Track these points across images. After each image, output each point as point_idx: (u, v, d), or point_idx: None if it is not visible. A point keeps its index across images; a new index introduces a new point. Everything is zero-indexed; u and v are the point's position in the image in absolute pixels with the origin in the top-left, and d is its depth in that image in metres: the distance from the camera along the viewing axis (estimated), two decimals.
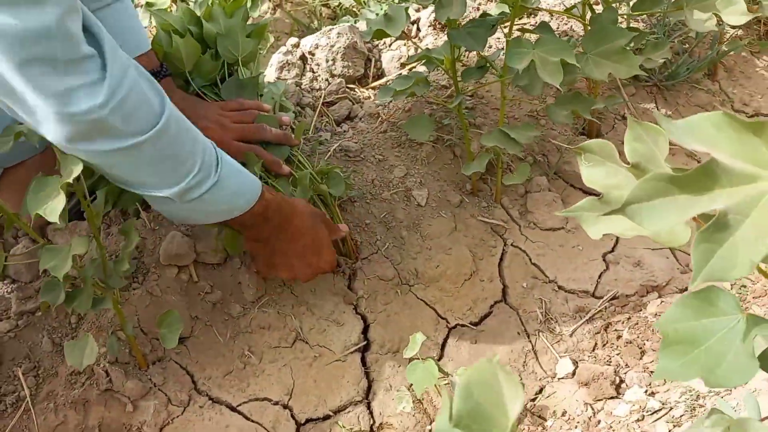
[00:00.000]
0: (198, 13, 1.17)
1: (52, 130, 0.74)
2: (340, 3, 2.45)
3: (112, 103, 0.73)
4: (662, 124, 0.43)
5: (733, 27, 1.56)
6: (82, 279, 0.90)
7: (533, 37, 1.01)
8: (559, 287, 1.20)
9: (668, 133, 0.43)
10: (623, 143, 0.52)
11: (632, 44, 1.21)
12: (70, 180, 0.72)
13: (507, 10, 1.09)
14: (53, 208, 0.71)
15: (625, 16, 1.39)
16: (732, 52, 1.47)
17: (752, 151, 0.41)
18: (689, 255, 1.27)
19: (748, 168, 0.41)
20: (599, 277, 1.21)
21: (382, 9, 1.87)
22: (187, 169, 0.84)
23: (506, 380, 0.32)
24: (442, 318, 1.16)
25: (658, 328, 0.49)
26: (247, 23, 1.21)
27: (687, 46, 1.50)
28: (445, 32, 1.18)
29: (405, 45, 1.50)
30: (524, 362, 1.12)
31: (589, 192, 1.22)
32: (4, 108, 0.76)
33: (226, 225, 1.02)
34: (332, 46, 1.42)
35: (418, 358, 1.03)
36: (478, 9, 1.50)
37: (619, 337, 1.11)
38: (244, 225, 0.99)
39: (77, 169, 0.72)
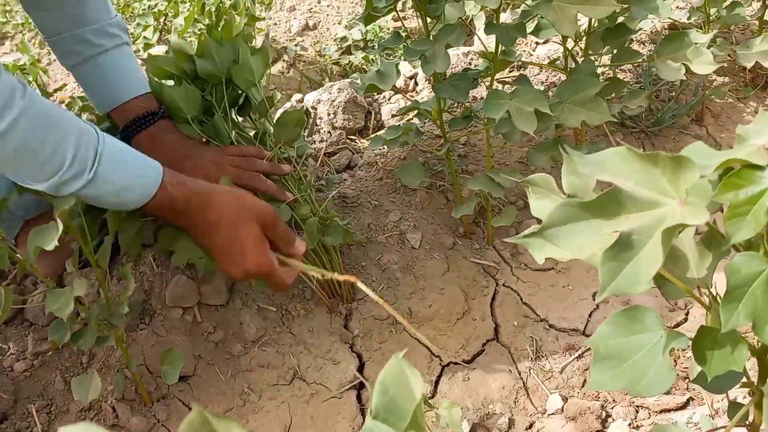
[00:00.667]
0: (191, 51, 1.17)
1: None
2: (350, 61, 2.58)
3: None
4: (574, 158, 0.49)
5: (719, 75, 1.63)
6: (88, 319, 0.96)
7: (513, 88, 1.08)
8: (550, 326, 1.24)
9: (581, 166, 0.49)
10: None
11: (613, 93, 1.28)
12: (66, 208, 0.80)
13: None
14: (49, 238, 0.79)
15: (608, 67, 1.47)
16: (715, 98, 1.53)
17: (653, 180, 0.47)
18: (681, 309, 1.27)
19: (651, 195, 0.47)
20: (589, 315, 1.24)
21: None
22: (54, 168, 0.84)
23: (411, 374, 0.37)
24: (436, 356, 1.20)
25: (590, 344, 0.54)
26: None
27: (673, 93, 1.57)
28: None
29: (403, 98, 1.59)
30: (515, 399, 1.15)
31: None
32: None
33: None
34: (333, 101, 1.52)
35: None
36: (470, 64, 1.58)
37: None
38: (152, 214, 0.99)
39: (69, 202, 0.80)
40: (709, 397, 0.98)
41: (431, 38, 1.07)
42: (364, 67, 2.55)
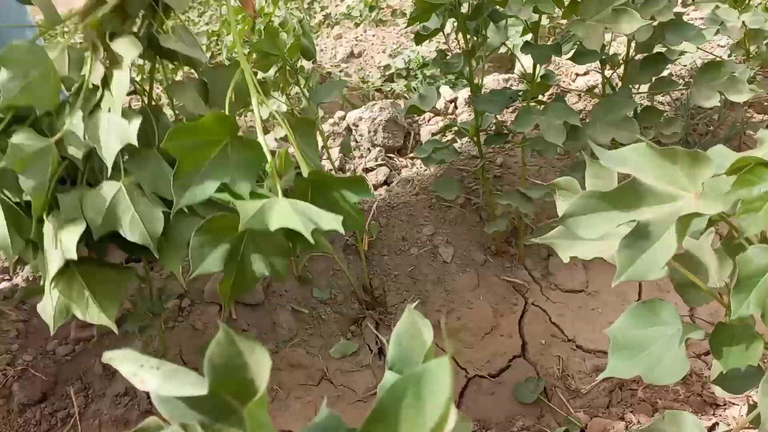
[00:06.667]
0: None
1: None
2: (392, 88, 2.65)
3: None
4: (597, 153, 0.52)
5: (758, 112, 1.63)
6: (134, 304, 1.02)
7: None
8: (578, 346, 1.25)
9: (604, 161, 0.52)
10: None
11: (649, 121, 1.30)
12: None
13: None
14: None
15: (646, 97, 1.49)
16: (753, 134, 1.54)
17: (671, 175, 0.50)
18: (707, 321, 1.29)
19: (670, 189, 0.50)
20: None
21: None
22: None
23: (423, 324, 0.40)
24: (462, 368, 1.21)
25: (609, 334, 0.56)
26: None
27: (711, 127, 1.58)
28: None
29: (442, 120, 1.64)
30: (540, 415, 1.16)
31: None
32: None
33: None
34: (374, 119, 1.57)
35: None
36: (509, 88, 1.62)
37: (633, 395, 1.14)
38: None
39: None
40: (734, 421, 0.97)
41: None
42: (406, 95, 2.62)
